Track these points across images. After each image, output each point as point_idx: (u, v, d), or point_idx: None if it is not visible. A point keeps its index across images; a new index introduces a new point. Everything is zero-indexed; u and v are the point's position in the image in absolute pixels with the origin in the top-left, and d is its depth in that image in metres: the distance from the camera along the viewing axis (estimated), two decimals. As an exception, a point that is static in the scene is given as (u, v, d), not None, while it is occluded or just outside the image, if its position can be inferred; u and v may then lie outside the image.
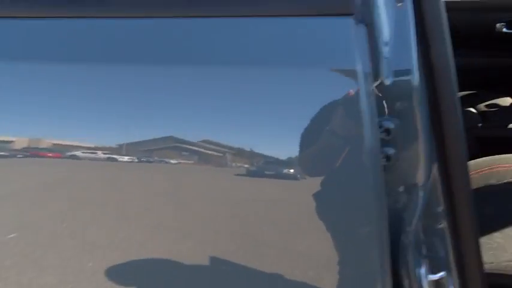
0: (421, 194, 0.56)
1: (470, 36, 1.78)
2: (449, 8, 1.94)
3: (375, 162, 0.51)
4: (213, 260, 0.55)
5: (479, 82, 1.84)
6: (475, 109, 1.55)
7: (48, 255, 0.58)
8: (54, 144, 0.56)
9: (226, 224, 0.55)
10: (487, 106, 1.54)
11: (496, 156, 1.05)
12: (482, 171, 1.01)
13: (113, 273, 0.56)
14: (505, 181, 0.97)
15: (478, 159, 1.07)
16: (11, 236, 0.57)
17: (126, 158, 0.54)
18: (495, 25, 1.72)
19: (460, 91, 1.74)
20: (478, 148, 1.38)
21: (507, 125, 1.35)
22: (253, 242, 0.55)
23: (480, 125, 1.40)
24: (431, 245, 0.57)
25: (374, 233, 0.52)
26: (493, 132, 1.36)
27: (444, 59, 0.52)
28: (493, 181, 0.98)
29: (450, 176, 0.53)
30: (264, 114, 0.54)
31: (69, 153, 0.54)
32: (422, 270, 0.55)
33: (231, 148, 0.54)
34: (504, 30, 1.72)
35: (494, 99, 1.60)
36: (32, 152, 0.56)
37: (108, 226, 0.57)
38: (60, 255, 0.57)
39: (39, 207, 0.58)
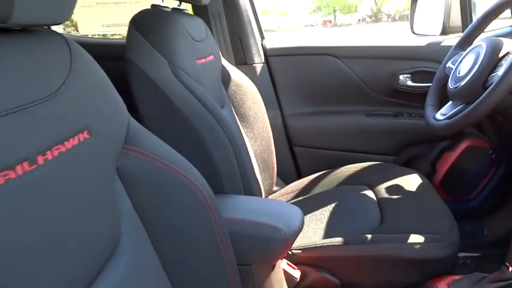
0: None
1: (373, 88, 1.40)
2: (349, 55, 1.52)
3: None
4: None
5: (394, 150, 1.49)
6: (374, 193, 1.12)
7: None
8: None
9: None
10: (387, 190, 1.11)
11: None
12: None
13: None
14: None
15: None
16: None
17: None
18: (399, 76, 1.35)
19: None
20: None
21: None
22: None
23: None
24: None
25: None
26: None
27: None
28: None
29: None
30: None
31: None
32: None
33: None
34: (409, 83, 1.35)
35: (401, 175, 1.18)
36: None
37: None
38: None
39: None
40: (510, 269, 0.76)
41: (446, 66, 1.14)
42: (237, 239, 0.68)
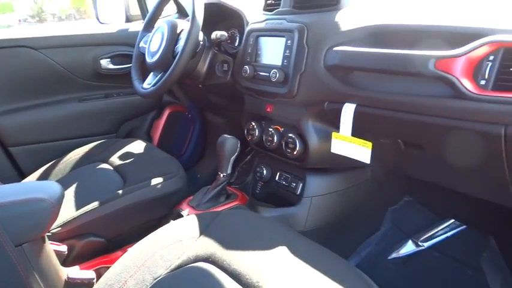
0: None
1: (79, 75, 1.47)
2: (48, 45, 1.54)
3: None
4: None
5: None
6: (110, 164, 1.25)
7: None
8: None
9: None
10: (120, 158, 1.27)
11: None
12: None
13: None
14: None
15: None
16: None
17: None
18: (100, 61, 1.49)
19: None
20: None
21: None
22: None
23: None
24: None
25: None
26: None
27: None
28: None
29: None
30: None
31: None
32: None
33: None
34: (110, 66, 1.52)
35: (127, 144, 1.35)
36: None
37: None
38: None
39: None
40: (221, 175, 1.10)
41: (140, 46, 1.37)
42: (2, 224, 0.68)
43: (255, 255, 0.75)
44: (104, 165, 1.28)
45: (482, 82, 0.69)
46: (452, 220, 1.24)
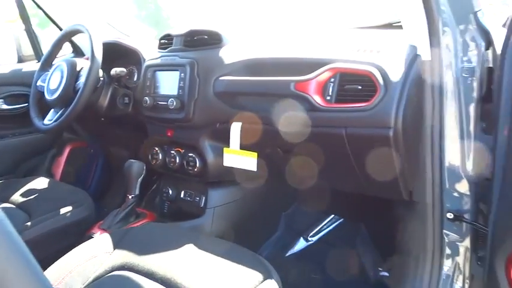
0: None
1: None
2: None
3: None
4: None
5: None
6: (12, 203, 1.26)
7: None
8: None
9: None
10: (22, 195, 1.28)
11: None
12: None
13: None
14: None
15: None
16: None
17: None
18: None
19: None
20: None
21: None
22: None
23: None
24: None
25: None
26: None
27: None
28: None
29: None
30: None
31: None
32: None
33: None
34: (4, 106, 1.53)
35: (26, 183, 1.36)
36: None
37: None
38: None
39: None
40: (129, 197, 1.20)
41: (37, 85, 1.41)
42: None
43: (168, 256, 0.86)
44: (5, 205, 1.26)
45: (328, 97, 0.93)
46: (333, 215, 1.49)
